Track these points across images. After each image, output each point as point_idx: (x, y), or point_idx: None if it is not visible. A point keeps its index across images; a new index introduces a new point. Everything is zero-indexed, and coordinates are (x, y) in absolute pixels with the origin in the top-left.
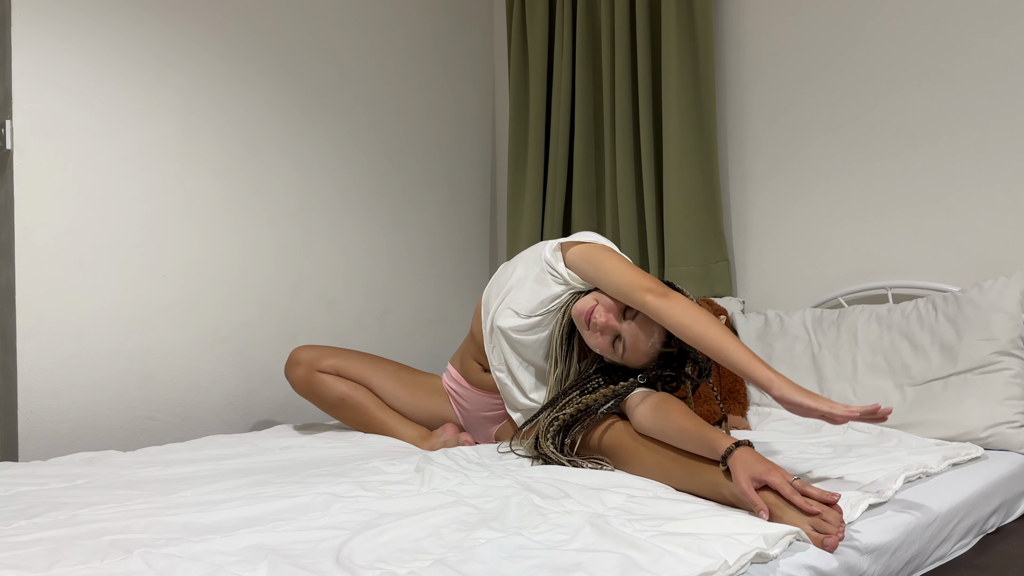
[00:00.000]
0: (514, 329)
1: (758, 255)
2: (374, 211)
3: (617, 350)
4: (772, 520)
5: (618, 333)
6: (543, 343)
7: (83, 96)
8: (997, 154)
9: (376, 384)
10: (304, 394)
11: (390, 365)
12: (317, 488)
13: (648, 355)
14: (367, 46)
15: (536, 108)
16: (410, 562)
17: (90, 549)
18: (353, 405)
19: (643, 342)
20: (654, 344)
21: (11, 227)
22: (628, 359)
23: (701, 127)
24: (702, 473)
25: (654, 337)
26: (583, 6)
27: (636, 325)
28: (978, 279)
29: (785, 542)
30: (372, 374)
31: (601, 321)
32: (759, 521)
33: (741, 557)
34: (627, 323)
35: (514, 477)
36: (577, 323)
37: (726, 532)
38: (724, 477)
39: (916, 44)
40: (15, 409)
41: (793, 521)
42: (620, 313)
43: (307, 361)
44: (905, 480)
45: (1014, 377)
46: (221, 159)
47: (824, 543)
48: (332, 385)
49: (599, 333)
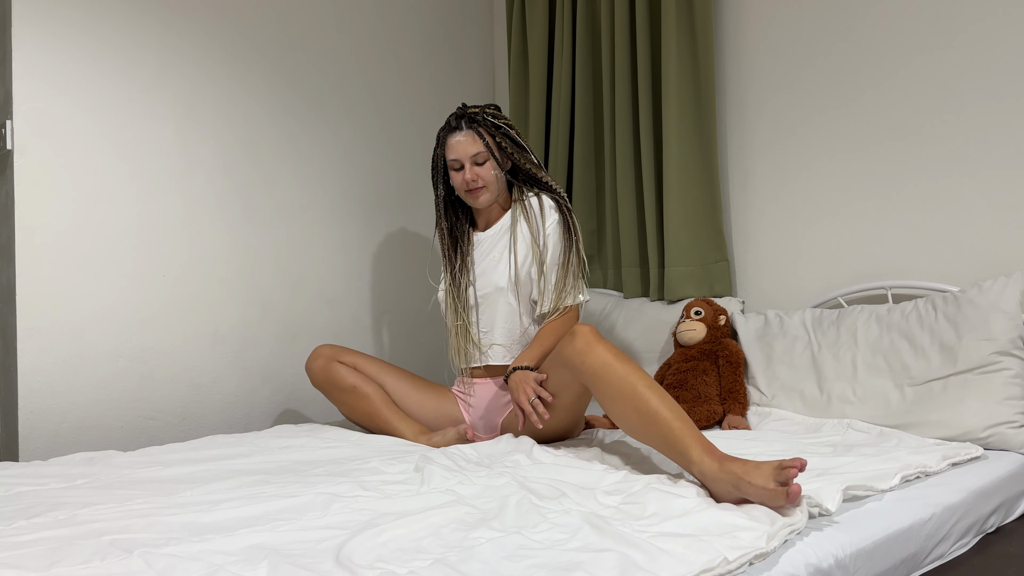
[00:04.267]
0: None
1: (758, 255)
2: (374, 211)
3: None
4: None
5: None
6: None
7: (83, 96)
8: (997, 154)
9: (388, 382)
10: (320, 383)
11: (404, 371)
12: (317, 488)
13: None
14: (367, 46)
15: (536, 108)
16: (410, 561)
17: (90, 549)
18: (362, 395)
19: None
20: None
21: (11, 227)
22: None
23: (701, 127)
24: (678, 443)
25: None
26: (583, 6)
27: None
28: (978, 279)
29: (782, 536)
30: (386, 373)
31: (470, 177)
32: (758, 516)
33: (741, 556)
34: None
35: (512, 476)
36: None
37: (725, 529)
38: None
39: (916, 44)
40: (15, 409)
41: (758, 481)
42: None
43: (328, 354)
44: (903, 479)
45: (1014, 377)
46: (221, 159)
47: (789, 491)
48: (347, 374)
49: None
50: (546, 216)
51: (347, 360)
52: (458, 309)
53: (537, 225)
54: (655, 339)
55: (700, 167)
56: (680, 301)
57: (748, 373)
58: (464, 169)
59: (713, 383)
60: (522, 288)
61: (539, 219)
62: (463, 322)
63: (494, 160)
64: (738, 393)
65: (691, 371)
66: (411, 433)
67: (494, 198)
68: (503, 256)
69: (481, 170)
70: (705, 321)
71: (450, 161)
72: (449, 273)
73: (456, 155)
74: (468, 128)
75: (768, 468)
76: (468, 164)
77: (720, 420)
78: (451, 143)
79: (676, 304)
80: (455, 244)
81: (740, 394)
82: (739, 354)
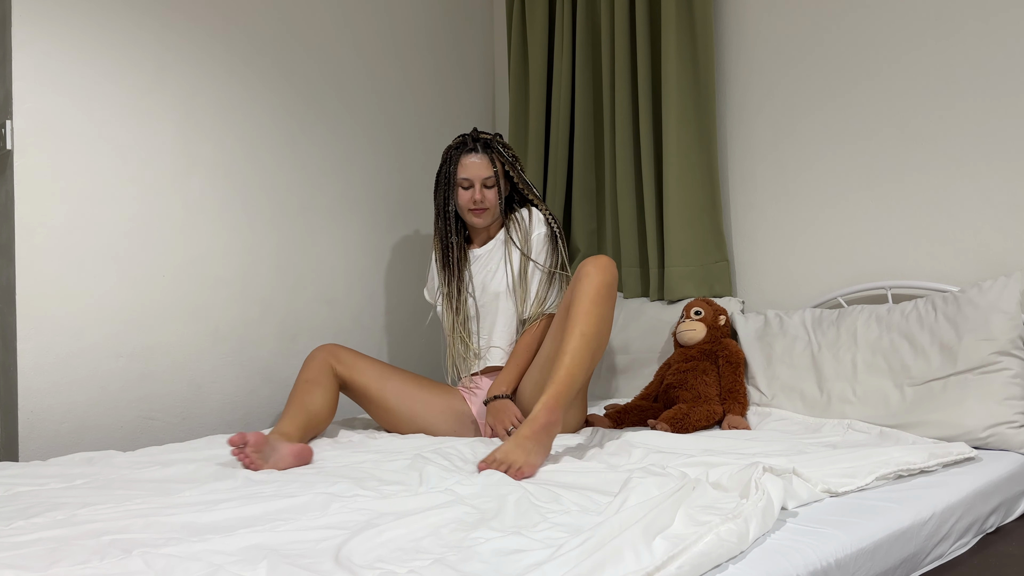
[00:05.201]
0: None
1: (758, 255)
2: (374, 211)
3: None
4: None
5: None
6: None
7: (83, 96)
8: (997, 154)
9: (392, 384)
10: (305, 371)
11: (407, 372)
12: (315, 488)
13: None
14: (367, 46)
15: (536, 108)
16: (410, 561)
17: (89, 549)
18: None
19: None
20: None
21: (11, 227)
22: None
23: (701, 127)
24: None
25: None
26: (583, 6)
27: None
28: (978, 279)
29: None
30: (388, 376)
31: (478, 197)
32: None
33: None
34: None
35: (507, 475)
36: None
37: (707, 527)
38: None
39: (916, 44)
40: (15, 409)
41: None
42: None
43: (323, 357)
44: (878, 477)
45: (1013, 377)
46: (221, 159)
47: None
48: (316, 370)
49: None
50: (534, 225)
51: (344, 361)
52: (455, 322)
53: (526, 229)
54: (655, 339)
55: (700, 167)
56: (680, 301)
57: (748, 373)
58: (474, 188)
59: (713, 383)
60: (519, 292)
61: (527, 225)
62: (460, 334)
63: (498, 186)
64: (738, 393)
65: (691, 371)
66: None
67: (492, 219)
68: (500, 265)
69: (489, 193)
70: (705, 321)
71: (460, 179)
72: (447, 285)
73: (468, 175)
74: (484, 152)
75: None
76: (479, 185)
77: (720, 420)
78: (465, 162)
79: (676, 304)
80: (455, 258)
81: (740, 394)
82: (739, 354)
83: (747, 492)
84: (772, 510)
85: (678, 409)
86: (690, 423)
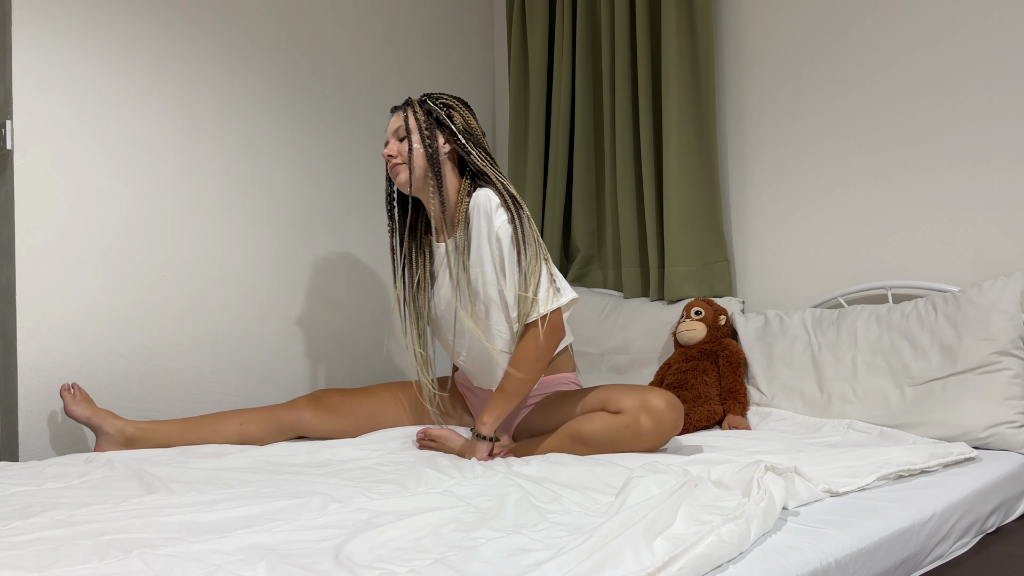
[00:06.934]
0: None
1: (758, 255)
2: (374, 211)
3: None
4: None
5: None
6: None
7: (83, 96)
8: (997, 154)
9: (366, 406)
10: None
11: (386, 388)
12: (314, 488)
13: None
14: (367, 46)
15: (536, 108)
16: (410, 561)
17: (88, 549)
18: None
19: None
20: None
21: (11, 227)
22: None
23: (701, 127)
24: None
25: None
26: (583, 6)
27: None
28: (978, 279)
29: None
30: (364, 398)
31: (392, 152)
32: (749, 514)
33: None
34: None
35: (505, 474)
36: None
37: (711, 527)
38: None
39: (916, 44)
40: (15, 409)
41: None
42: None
43: (305, 405)
44: (879, 477)
45: (1014, 377)
46: (221, 159)
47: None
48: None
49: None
50: (493, 220)
51: (324, 403)
52: (412, 330)
53: (479, 223)
54: (655, 339)
55: (700, 167)
56: (680, 301)
57: (748, 373)
58: (389, 145)
59: (713, 383)
60: (504, 295)
61: (479, 217)
62: (423, 351)
63: (420, 138)
64: (738, 393)
65: (691, 371)
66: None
67: (419, 182)
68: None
69: (401, 145)
70: (705, 321)
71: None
72: (403, 287)
73: (387, 134)
74: (399, 110)
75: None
76: (393, 140)
77: (720, 420)
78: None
79: (676, 304)
80: (410, 253)
81: (740, 394)
82: (739, 354)
83: (749, 491)
84: (774, 510)
85: None
86: (690, 423)
